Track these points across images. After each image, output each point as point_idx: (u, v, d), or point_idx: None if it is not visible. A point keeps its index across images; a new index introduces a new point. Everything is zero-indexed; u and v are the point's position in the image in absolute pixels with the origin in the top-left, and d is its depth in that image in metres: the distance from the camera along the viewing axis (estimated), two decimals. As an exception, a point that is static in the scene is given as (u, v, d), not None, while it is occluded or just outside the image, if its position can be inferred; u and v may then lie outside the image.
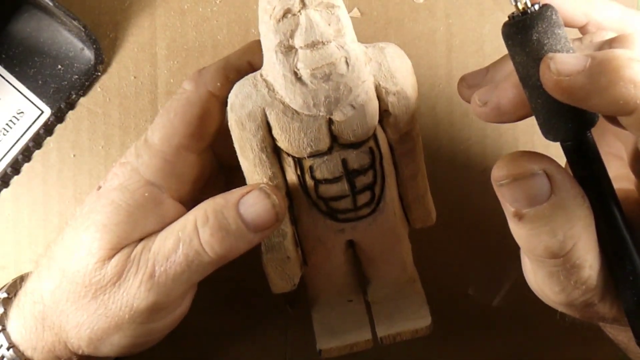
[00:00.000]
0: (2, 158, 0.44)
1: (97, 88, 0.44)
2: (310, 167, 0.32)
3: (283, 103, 0.31)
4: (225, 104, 0.32)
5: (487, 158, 0.43)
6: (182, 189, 0.34)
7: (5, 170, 0.44)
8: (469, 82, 0.31)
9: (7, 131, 0.43)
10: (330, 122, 0.31)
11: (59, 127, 0.44)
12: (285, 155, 0.33)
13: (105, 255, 0.32)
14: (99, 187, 0.34)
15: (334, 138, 0.31)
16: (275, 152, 0.32)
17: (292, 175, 0.33)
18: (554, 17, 0.26)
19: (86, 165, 0.44)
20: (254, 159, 0.32)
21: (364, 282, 0.38)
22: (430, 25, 0.42)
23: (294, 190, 0.33)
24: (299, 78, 0.30)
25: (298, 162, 0.32)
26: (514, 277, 0.43)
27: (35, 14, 0.43)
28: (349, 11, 0.43)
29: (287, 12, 0.30)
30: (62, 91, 0.44)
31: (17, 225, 0.44)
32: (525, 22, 0.26)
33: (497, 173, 0.28)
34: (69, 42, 0.43)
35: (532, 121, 0.42)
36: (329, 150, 0.32)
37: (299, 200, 0.33)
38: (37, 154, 0.44)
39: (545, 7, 0.26)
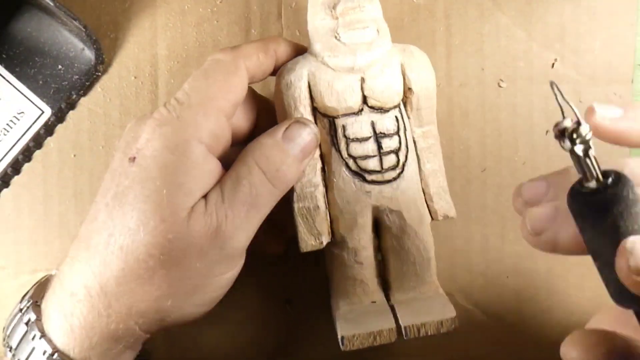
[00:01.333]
0: (2, 158, 0.44)
1: (97, 88, 0.44)
2: (343, 126, 0.36)
3: (324, 64, 0.36)
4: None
5: (487, 158, 0.43)
6: (219, 149, 0.35)
7: (5, 170, 0.44)
8: (526, 198, 0.28)
9: (8, 131, 0.43)
10: (362, 81, 0.36)
11: (59, 127, 0.44)
12: (320, 117, 0.37)
13: (177, 220, 0.32)
14: (133, 158, 0.33)
15: (364, 100, 0.36)
16: (312, 114, 0.37)
17: (325, 136, 0.37)
18: (631, 195, 0.24)
19: (86, 165, 0.44)
20: (296, 116, 0.37)
21: (387, 288, 0.39)
22: (430, 25, 0.42)
23: (326, 154, 0.37)
24: (338, 39, 0.36)
25: (332, 122, 0.37)
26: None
27: (36, 14, 0.43)
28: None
29: None
30: (63, 91, 0.44)
31: (17, 225, 0.45)
32: (599, 201, 0.24)
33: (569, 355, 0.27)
34: (70, 42, 0.43)
35: (532, 122, 0.42)
36: (360, 111, 0.36)
37: (331, 162, 0.37)
38: (37, 154, 0.44)
39: (622, 181, 0.24)
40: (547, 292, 0.43)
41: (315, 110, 0.37)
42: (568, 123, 0.25)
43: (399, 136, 0.37)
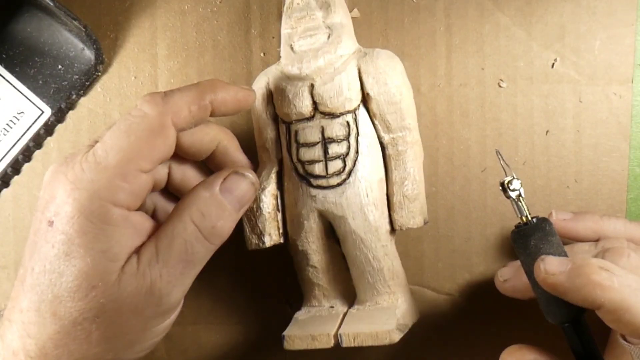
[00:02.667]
0: (2, 158, 0.44)
1: (97, 88, 0.44)
2: (296, 132, 0.38)
3: (282, 72, 0.38)
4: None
5: (487, 158, 0.43)
6: (141, 201, 0.34)
7: (5, 170, 0.44)
8: (506, 272, 0.40)
9: (8, 131, 0.43)
10: (312, 87, 0.37)
11: (59, 127, 0.44)
12: (280, 123, 0.38)
13: (107, 284, 0.31)
14: (51, 222, 0.32)
15: (315, 106, 0.37)
16: (274, 120, 0.39)
17: (284, 141, 0.38)
18: (547, 228, 0.34)
19: (86, 165, 0.44)
20: (258, 123, 0.39)
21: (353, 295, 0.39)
22: (430, 25, 0.42)
23: (284, 158, 0.39)
24: (292, 48, 0.37)
25: (288, 127, 0.38)
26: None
27: (36, 14, 0.43)
28: (350, 11, 0.43)
29: (291, 3, 0.38)
30: (63, 91, 0.44)
31: (17, 225, 0.45)
32: (526, 231, 0.34)
33: None
34: (70, 42, 0.43)
35: (532, 122, 0.42)
36: (312, 118, 0.37)
37: (285, 166, 0.38)
38: (37, 154, 0.44)
39: (541, 220, 0.35)
40: (547, 292, 0.43)
41: (276, 116, 0.39)
42: (506, 179, 0.35)
43: (349, 142, 0.37)
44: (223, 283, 0.44)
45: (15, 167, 0.44)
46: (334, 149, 0.37)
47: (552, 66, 0.42)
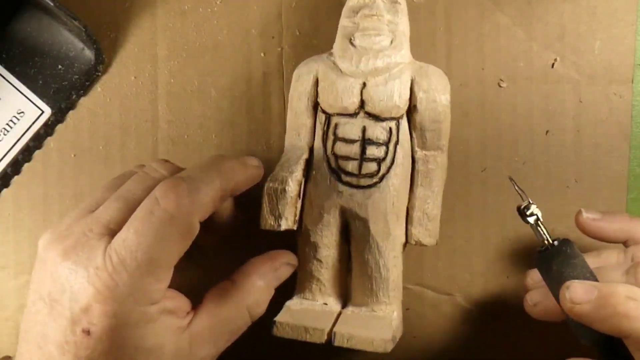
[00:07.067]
0: (2, 158, 0.44)
1: (97, 88, 0.44)
2: (336, 125, 0.38)
3: (334, 63, 0.38)
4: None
5: (487, 158, 0.43)
6: (168, 285, 0.34)
7: (5, 170, 0.44)
8: (534, 277, 0.38)
9: (8, 131, 0.43)
10: (363, 86, 0.37)
11: (59, 127, 0.44)
12: (320, 112, 0.38)
13: None
14: (87, 331, 0.31)
15: (362, 104, 0.37)
16: (314, 107, 0.39)
17: (319, 131, 0.38)
18: (569, 250, 0.34)
19: (86, 165, 0.44)
20: (297, 107, 0.39)
21: (348, 297, 0.40)
22: (430, 25, 0.42)
23: (316, 148, 0.38)
24: (352, 43, 0.37)
25: (328, 118, 0.38)
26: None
27: (36, 14, 0.43)
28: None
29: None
30: (63, 91, 0.44)
31: (17, 225, 0.45)
32: (547, 256, 0.34)
33: None
34: (70, 42, 0.43)
35: (532, 122, 0.42)
36: (355, 115, 0.37)
37: (317, 156, 0.38)
38: (37, 154, 0.44)
39: (563, 242, 0.34)
40: (547, 292, 0.43)
41: (317, 105, 0.38)
42: (523, 204, 0.35)
43: (387, 147, 0.37)
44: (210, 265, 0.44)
45: (16, 167, 0.44)
46: (372, 150, 0.37)
47: (552, 66, 0.42)
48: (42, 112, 0.44)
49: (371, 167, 0.37)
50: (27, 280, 0.44)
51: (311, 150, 0.39)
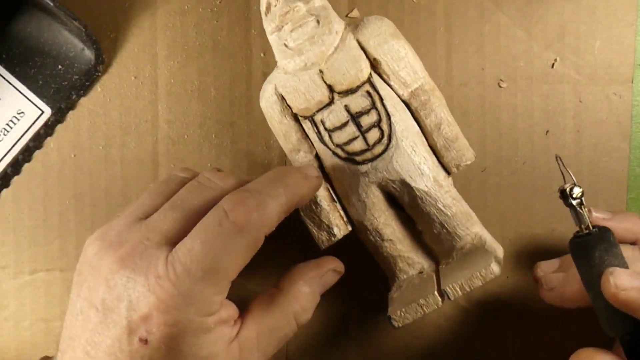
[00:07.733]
0: (2, 158, 0.44)
1: (97, 88, 0.44)
2: (322, 121, 0.38)
3: (286, 72, 0.38)
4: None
5: (487, 158, 0.43)
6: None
7: (5, 170, 0.44)
8: (544, 269, 0.39)
9: (8, 131, 0.43)
10: (321, 73, 0.37)
11: (59, 127, 0.44)
12: (303, 121, 0.38)
13: None
14: (145, 340, 0.30)
15: (330, 88, 0.37)
16: (295, 120, 0.39)
17: (313, 136, 0.38)
18: (611, 238, 0.33)
19: (86, 165, 0.44)
20: (282, 130, 0.39)
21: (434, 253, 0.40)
22: (430, 25, 0.42)
23: (320, 151, 0.39)
24: (286, 46, 0.37)
25: (312, 121, 0.38)
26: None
27: (36, 14, 0.43)
28: (349, 11, 0.43)
29: (269, 6, 0.38)
30: (63, 91, 0.44)
31: (17, 225, 0.45)
32: (589, 242, 0.33)
33: None
34: (70, 42, 0.43)
35: (532, 122, 0.42)
36: (331, 101, 0.37)
37: (326, 157, 0.38)
38: (37, 154, 0.44)
39: (605, 230, 0.34)
40: (547, 292, 0.43)
41: (296, 115, 0.38)
42: (567, 186, 0.34)
43: (376, 109, 0.37)
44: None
45: (16, 167, 0.44)
46: (366, 120, 0.37)
47: (552, 66, 0.42)
48: (42, 112, 0.44)
49: (374, 134, 0.37)
50: (27, 280, 0.44)
51: (317, 156, 0.39)
